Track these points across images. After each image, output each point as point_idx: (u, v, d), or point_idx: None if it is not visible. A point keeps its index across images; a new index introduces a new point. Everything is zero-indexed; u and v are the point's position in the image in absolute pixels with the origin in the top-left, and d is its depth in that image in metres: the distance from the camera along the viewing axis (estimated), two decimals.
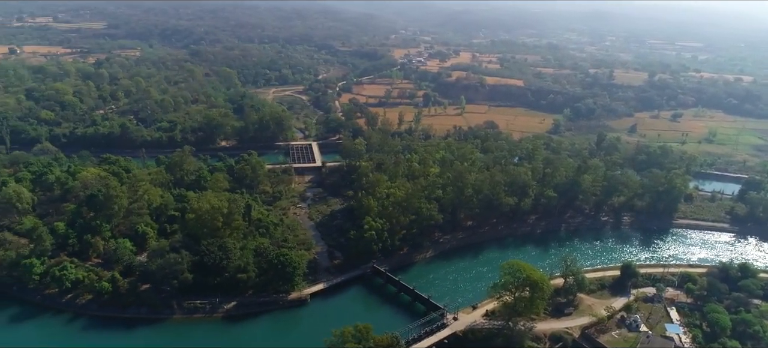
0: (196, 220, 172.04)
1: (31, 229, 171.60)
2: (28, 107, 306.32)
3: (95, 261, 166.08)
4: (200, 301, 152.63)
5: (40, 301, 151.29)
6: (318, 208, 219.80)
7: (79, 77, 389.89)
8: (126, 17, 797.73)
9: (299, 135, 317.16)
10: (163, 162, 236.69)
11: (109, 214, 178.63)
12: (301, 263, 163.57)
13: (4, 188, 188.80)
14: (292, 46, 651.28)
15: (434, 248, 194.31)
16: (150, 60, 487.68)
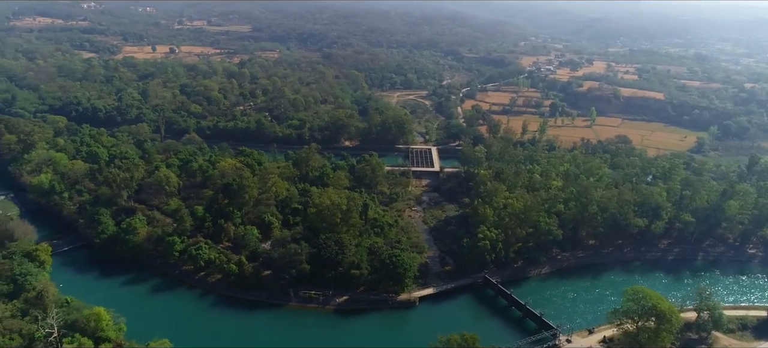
0: (317, 215, 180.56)
1: (175, 210, 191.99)
2: (181, 101, 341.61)
3: (226, 244, 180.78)
4: (315, 291, 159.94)
5: (178, 276, 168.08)
6: (433, 212, 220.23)
7: (224, 75, 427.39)
8: (269, 21, 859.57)
9: (419, 139, 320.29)
10: (291, 157, 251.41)
11: (241, 203, 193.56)
12: (413, 265, 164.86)
13: (156, 172, 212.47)
14: (419, 51, 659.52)
15: (551, 265, 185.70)
16: (286, 61, 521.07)
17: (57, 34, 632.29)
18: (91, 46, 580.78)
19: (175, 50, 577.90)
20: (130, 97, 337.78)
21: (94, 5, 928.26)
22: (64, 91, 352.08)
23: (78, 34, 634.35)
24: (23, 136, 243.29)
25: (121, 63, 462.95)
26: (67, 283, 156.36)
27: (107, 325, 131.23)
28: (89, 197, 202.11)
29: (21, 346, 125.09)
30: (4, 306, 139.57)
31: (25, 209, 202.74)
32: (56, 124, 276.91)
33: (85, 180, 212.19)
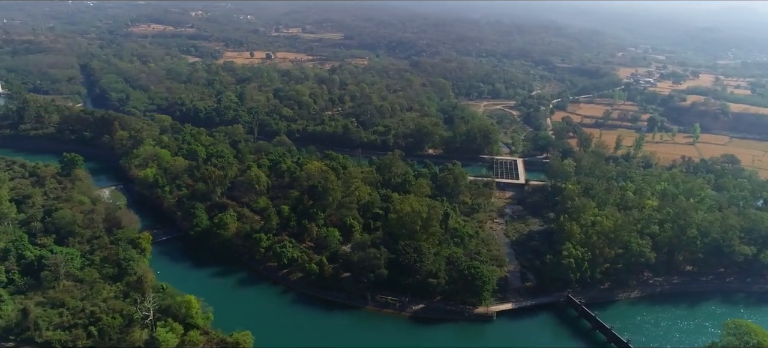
0: (397, 221, 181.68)
1: (263, 209, 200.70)
2: (274, 104, 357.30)
3: (308, 244, 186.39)
4: (391, 297, 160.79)
5: (262, 271, 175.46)
6: (515, 225, 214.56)
7: (315, 81, 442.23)
8: (360, 29, 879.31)
9: (505, 150, 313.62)
10: (375, 163, 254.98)
11: (325, 204, 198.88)
12: (492, 278, 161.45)
13: (248, 171, 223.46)
14: (509, 60, 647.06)
15: (641, 289, 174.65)
16: (375, 69, 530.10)
17: (167, 39, 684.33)
18: (197, 51, 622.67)
19: (271, 56, 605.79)
20: (228, 99, 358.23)
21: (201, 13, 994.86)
22: (170, 93, 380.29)
23: (185, 40, 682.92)
24: (133, 132, 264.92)
25: (221, 67, 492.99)
26: (163, 271, 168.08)
27: (196, 313, 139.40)
28: (187, 192, 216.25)
29: (121, 325, 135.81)
30: (109, 287, 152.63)
31: (132, 200, 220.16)
32: (162, 123, 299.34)
33: (184, 175, 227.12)
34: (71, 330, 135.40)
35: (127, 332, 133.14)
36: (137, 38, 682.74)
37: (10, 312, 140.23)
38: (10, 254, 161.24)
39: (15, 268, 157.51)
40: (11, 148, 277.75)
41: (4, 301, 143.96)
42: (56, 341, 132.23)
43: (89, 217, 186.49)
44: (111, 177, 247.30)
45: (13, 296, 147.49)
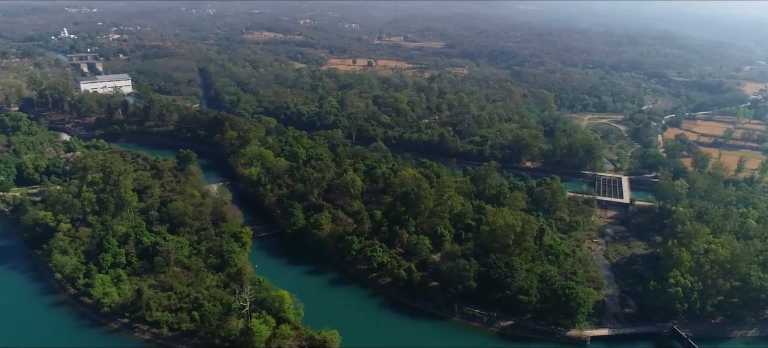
0: (489, 234, 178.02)
1: (356, 212, 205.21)
2: (373, 111, 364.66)
3: (398, 250, 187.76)
4: (479, 311, 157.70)
5: (353, 273, 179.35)
6: (617, 247, 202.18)
7: (414, 89, 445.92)
8: (461, 38, 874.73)
9: (609, 166, 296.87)
10: (469, 173, 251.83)
11: (417, 212, 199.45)
12: (587, 301, 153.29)
13: (344, 175, 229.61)
14: (618, 72, 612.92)
15: (762, 328, 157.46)
16: (475, 78, 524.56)
17: (277, 46, 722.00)
18: (303, 57, 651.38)
19: (372, 63, 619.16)
20: (330, 104, 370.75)
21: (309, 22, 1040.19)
22: (277, 96, 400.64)
23: (293, 47, 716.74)
24: (242, 132, 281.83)
25: (325, 73, 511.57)
26: (261, 265, 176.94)
27: (288, 308, 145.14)
28: (287, 191, 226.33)
29: (220, 313, 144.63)
30: (212, 276, 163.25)
31: (237, 196, 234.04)
32: (268, 125, 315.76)
33: (285, 176, 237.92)
34: (177, 313, 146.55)
35: (225, 320, 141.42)
36: (250, 45, 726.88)
37: (127, 291, 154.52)
38: (130, 239, 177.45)
39: (133, 252, 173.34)
40: (137, 142, 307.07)
41: (122, 281, 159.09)
42: (164, 322, 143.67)
43: (198, 210, 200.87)
44: (219, 173, 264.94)
45: (130, 277, 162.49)
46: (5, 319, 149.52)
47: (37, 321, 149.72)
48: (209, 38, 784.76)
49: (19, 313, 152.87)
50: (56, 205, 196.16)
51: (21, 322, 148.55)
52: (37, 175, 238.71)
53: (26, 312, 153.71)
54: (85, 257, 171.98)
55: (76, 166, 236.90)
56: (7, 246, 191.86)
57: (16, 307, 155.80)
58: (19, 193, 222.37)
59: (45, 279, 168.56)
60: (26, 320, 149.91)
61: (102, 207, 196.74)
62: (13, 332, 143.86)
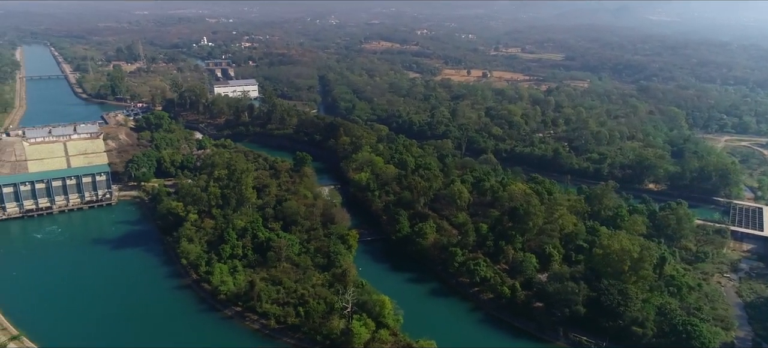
0: (603, 257, 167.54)
1: (462, 224, 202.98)
2: (484, 123, 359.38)
3: (502, 266, 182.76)
4: (587, 338, 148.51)
5: (454, 285, 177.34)
6: (753, 285, 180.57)
7: (529, 102, 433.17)
8: (583, 50, 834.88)
9: (748, 194, 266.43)
10: (584, 192, 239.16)
11: (524, 228, 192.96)
12: (713, 341, 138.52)
13: (452, 185, 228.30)
14: (765, 90, 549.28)
15: None
16: (595, 92, 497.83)
17: (393, 56, 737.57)
18: (417, 67, 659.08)
19: (487, 75, 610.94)
20: (441, 114, 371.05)
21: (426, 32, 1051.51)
22: (390, 105, 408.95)
23: (409, 57, 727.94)
24: (355, 138, 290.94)
25: (438, 84, 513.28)
26: (365, 268, 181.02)
27: (388, 314, 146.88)
28: (393, 198, 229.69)
29: (324, 311, 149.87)
30: (318, 275, 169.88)
31: (346, 199, 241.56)
32: (380, 132, 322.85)
33: (393, 183, 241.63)
34: (284, 307, 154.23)
35: (327, 319, 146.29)
36: (368, 54, 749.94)
37: (241, 282, 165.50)
38: (247, 233, 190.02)
39: (249, 245, 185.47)
40: (259, 143, 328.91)
41: (238, 272, 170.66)
42: (272, 314, 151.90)
43: (310, 210, 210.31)
44: (331, 177, 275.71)
45: (245, 269, 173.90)
46: (137, 296, 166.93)
47: (163, 300, 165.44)
48: (330, 47, 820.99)
49: (149, 292, 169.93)
50: (187, 197, 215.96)
51: (149, 301, 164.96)
52: (173, 169, 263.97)
53: (155, 291, 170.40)
54: (208, 247, 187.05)
55: (205, 162, 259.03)
56: (145, 231, 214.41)
57: (147, 286, 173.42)
58: (157, 184, 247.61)
59: (173, 263, 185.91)
60: (154, 299, 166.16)
61: (225, 201, 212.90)
62: (142, 309, 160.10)
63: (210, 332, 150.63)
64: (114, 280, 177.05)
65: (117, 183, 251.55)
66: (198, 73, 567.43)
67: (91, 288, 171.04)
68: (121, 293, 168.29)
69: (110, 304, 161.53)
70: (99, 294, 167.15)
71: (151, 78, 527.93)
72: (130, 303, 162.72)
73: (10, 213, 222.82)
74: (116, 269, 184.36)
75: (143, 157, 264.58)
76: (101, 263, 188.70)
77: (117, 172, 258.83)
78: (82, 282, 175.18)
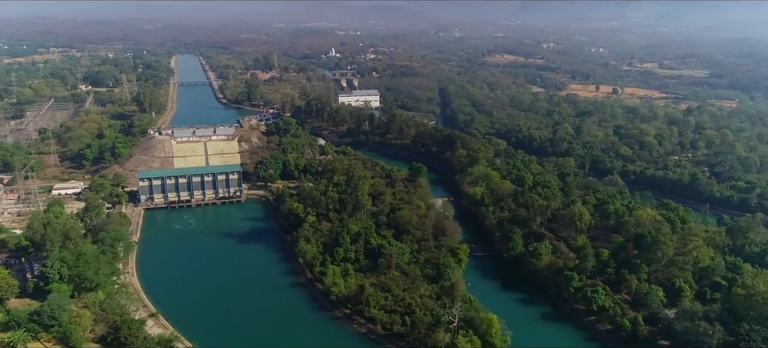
0: (745, 298, 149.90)
1: (580, 247, 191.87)
2: (612, 142, 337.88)
3: (624, 296, 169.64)
4: None
5: (568, 311, 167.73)
6: None
7: (664, 121, 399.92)
8: (732, 67, 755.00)
9: None
10: (725, 223, 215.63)
11: (651, 258, 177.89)
12: None
13: (572, 206, 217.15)
14: None
15: None
16: (745, 113, 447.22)
17: (516, 69, 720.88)
18: (542, 81, 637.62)
19: (617, 91, 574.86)
20: (564, 131, 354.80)
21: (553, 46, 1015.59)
22: (510, 119, 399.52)
23: (533, 71, 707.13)
24: (471, 152, 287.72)
25: (563, 99, 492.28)
26: (473, 284, 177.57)
27: (495, 333, 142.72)
28: (508, 215, 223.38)
29: (429, 323, 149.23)
30: (426, 286, 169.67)
31: (459, 212, 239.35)
32: (497, 146, 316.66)
33: (508, 199, 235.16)
34: (391, 314, 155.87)
35: (433, 331, 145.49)
36: (490, 67, 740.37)
37: (351, 285, 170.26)
38: (361, 238, 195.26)
39: (361, 250, 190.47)
40: (377, 152, 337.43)
41: (349, 275, 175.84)
42: (379, 320, 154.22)
43: (422, 221, 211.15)
44: (445, 189, 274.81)
45: (356, 273, 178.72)
46: (257, 288, 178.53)
47: (279, 295, 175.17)
48: (452, 60, 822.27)
49: (268, 285, 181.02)
50: (307, 199, 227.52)
51: (267, 293, 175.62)
52: (297, 172, 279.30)
53: (272, 285, 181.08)
54: (323, 248, 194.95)
55: (326, 167, 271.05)
56: (268, 228, 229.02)
57: (266, 279, 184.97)
58: (281, 185, 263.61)
59: (290, 260, 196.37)
60: (271, 292, 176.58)
61: (342, 206, 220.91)
62: (260, 300, 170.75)
63: (319, 331, 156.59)
64: (238, 270, 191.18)
65: (247, 182, 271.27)
66: (325, 82, 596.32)
67: (218, 276, 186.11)
68: (243, 284, 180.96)
69: (233, 292, 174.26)
70: (224, 282, 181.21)
71: (283, 86, 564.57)
72: (250, 293, 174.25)
73: (157, 203, 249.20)
74: (240, 261, 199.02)
75: (271, 159, 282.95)
76: (228, 254, 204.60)
77: (247, 172, 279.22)
78: (210, 270, 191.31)
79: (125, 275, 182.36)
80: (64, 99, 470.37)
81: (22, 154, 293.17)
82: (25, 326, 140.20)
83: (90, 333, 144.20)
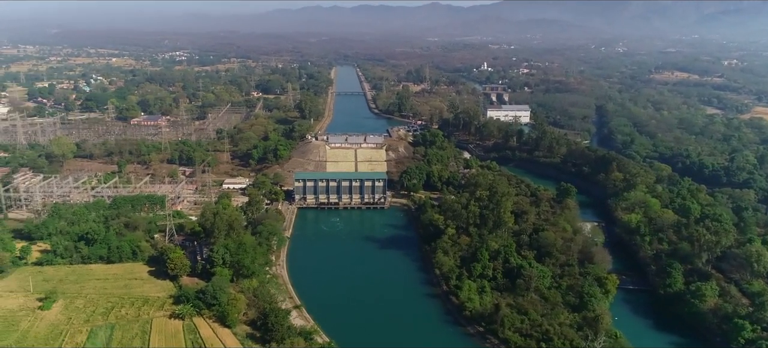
0: None
1: (757, 293, 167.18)
2: None
3: None
4: None
5: None
6: None
7: None
8: None
9: None
10: None
11: None
12: None
13: (747, 245, 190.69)
14: None
15: None
16: None
17: (688, 88, 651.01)
18: (719, 102, 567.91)
19: None
20: (744, 159, 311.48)
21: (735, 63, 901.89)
22: (676, 143, 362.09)
23: (709, 90, 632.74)
24: (628, 176, 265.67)
25: (745, 123, 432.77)
26: (621, 319, 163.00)
27: None
28: (667, 247, 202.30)
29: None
30: (566, 314, 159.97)
31: (609, 240, 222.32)
32: (659, 172, 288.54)
33: (669, 230, 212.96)
34: (526, 338, 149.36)
35: None
36: (657, 85, 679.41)
37: (486, 303, 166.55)
38: (500, 256, 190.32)
39: (500, 268, 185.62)
40: (523, 169, 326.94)
41: (485, 292, 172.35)
42: (513, 342, 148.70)
43: (567, 245, 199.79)
44: (595, 213, 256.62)
45: (492, 291, 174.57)
46: (393, 294, 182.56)
47: (413, 303, 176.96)
48: (613, 76, 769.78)
49: (403, 292, 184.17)
50: (448, 211, 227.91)
51: (402, 300, 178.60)
52: (439, 183, 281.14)
53: (408, 293, 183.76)
54: (460, 262, 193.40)
55: (469, 181, 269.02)
56: (407, 236, 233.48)
57: (402, 287, 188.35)
58: (423, 196, 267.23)
59: (427, 271, 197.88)
60: (406, 300, 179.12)
61: (482, 221, 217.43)
62: (394, 306, 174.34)
63: (451, 345, 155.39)
64: (377, 274, 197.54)
65: (391, 189, 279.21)
66: (474, 96, 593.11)
67: (357, 277, 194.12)
68: (380, 287, 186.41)
69: (370, 294, 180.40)
70: (363, 284, 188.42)
71: (432, 98, 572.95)
72: (386, 298, 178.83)
73: (308, 203, 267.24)
74: (380, 265, 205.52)
75: (415, 169, 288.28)
76: (368, 257, 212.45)
77: (392, 180, 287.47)
78: (351, 270, 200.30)
79: (276, 267, 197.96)
80: (239, 104, 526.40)
81: (202, 150, 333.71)
82: (192, 302, 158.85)
83: (243, 316, 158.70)
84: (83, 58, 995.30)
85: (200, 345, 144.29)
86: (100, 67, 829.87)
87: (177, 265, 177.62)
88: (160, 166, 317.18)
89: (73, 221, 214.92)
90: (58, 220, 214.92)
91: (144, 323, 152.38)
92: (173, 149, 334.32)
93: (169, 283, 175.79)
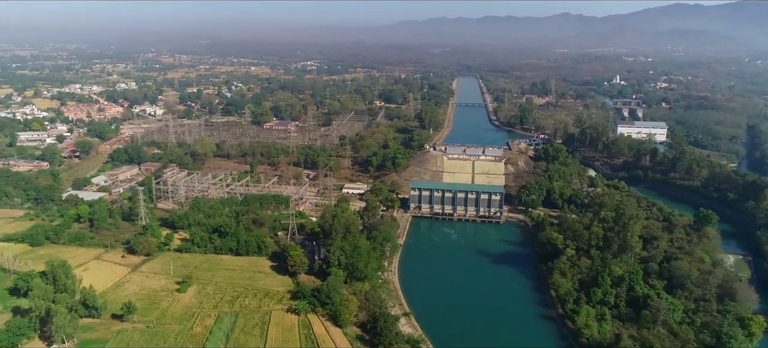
0: None
1: None
2: None
3: None
4: None
5: None
6: None
7: None
8: None
9: None
10: None
11: None
12: None
13: None
14: None
15: None
16: None
17: None
18: None
19: None
20: None
21: None
22: None
23: None
24: None
25: None
26: None
27: None
28: None
29: None
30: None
31: (757, 276, 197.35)
32: None
33: None
34: None
35: None
36: None
37: (606, 331, 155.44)
38: (623, 283, 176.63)
39: (623, 297, 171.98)
40: (656, 191, 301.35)
41: (605, 320, 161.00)
42: None
43: (704, 277, 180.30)
44: (741, 245, 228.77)
45: (613, 320, 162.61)
46: (504, 312, 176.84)
47: (526, 324, 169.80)
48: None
49: (515, 312, 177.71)
50: (568, 231, 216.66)
51: (513, 320, 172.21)
52: (560, 201, 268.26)
53: (520, 313, 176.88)
54: (579, 285, 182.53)
55: (593, 200, 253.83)
56: (523, 254, 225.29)
57: (514, 306, 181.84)
58: (542, 213, 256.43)
59: (542, 291, 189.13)
60: (518, 320, 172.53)
61: (606, 244, 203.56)
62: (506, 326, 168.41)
63: None
64: (488, 289, 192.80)
65: (508, 204, 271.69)
66: (603, 111, 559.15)
67: (468, 291, 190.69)
68: (491, 304, 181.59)
69: (480, 310, 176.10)
70: (473, 298, 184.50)
71: (557, 112, 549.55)
72: (497, 315, 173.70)
73: (423, 212, 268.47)
74: (492, 281, 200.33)
75: (535, 185, 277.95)
76: (481, 272, 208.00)
77: (509, 194, 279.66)
78: (462, 283, 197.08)
79: (388, 273, 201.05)
80: (362, 112, 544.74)
81: (325, 155, 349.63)
82: (308, 299, 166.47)
83: (354, 317, 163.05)
84: (227, 66, 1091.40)
85: (313, 341, 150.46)
86: (241, 75, 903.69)
87: (296, 262, 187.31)
88: (287, 168, 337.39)
89: (210, 214, 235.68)
90: (197, 213, 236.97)
91: (264, 314, 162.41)
92: (299, 153, 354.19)
93: (288, 279, 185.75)
